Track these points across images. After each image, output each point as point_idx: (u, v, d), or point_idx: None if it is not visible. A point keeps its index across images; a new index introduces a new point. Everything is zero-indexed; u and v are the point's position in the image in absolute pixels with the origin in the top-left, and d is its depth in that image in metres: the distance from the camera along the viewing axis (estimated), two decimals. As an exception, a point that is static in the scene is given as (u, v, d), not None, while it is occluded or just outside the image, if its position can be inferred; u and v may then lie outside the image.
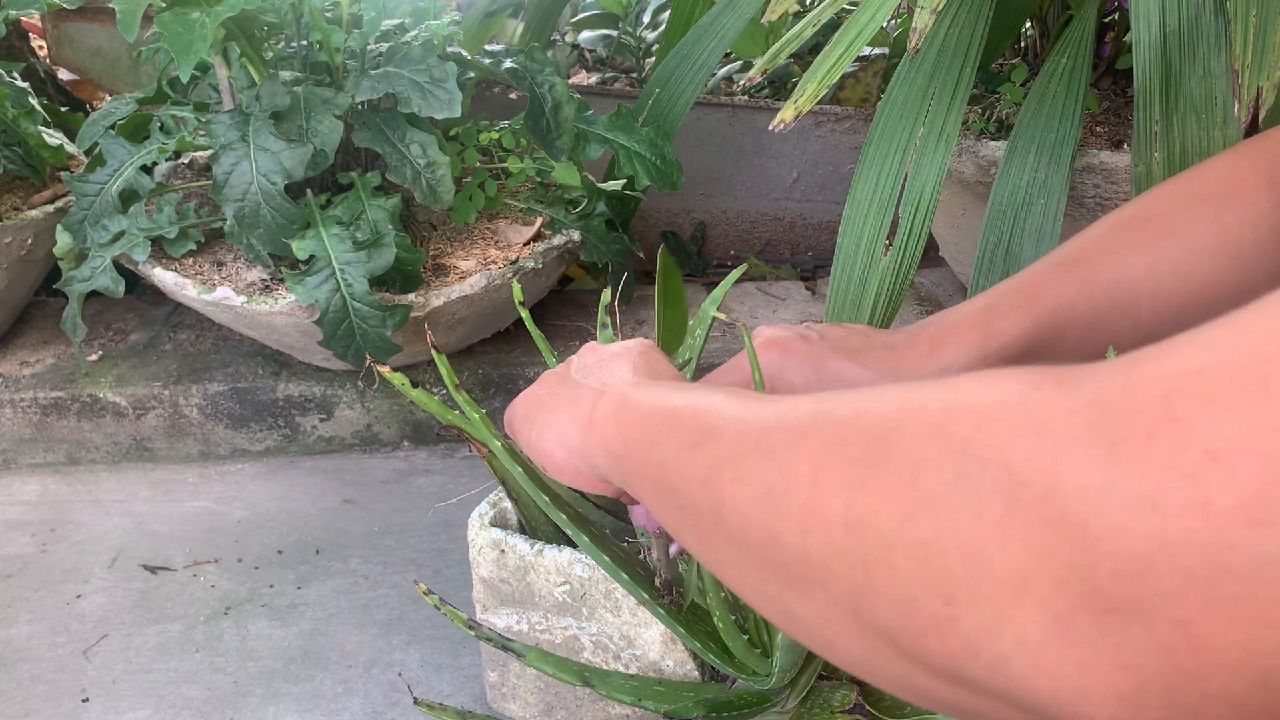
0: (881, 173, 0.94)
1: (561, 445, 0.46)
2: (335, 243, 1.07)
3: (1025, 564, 0.21)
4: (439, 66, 1.07)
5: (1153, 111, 0.90)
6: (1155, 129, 0.89)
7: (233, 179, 1.05)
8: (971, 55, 0.94)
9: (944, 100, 0.94)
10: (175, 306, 1.40)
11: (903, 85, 0.96)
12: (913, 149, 0.93)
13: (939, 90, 0.94)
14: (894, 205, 0.93)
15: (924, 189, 0.92)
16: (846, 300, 0.94)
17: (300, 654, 0.93)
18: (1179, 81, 0.89)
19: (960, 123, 0.93)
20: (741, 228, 1.61)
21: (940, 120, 0.93)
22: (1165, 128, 0.89)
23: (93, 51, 1.65)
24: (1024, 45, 1.30)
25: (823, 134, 1.54)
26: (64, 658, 0.93)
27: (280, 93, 1.07)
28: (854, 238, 0.94)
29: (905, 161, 0.93)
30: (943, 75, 0.94)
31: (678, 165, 1.23)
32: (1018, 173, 0.97)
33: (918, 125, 0.94)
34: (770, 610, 0.29)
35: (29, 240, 1.24)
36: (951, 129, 0.93)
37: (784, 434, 0.29)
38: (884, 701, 0.60)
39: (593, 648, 0.75)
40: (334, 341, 1.07)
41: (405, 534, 1.10)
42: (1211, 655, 0.18)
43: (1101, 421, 0.20)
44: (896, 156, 0.94)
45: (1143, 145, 0.90)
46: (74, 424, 1.24)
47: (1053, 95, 0.99)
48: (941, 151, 0.93)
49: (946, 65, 0.95)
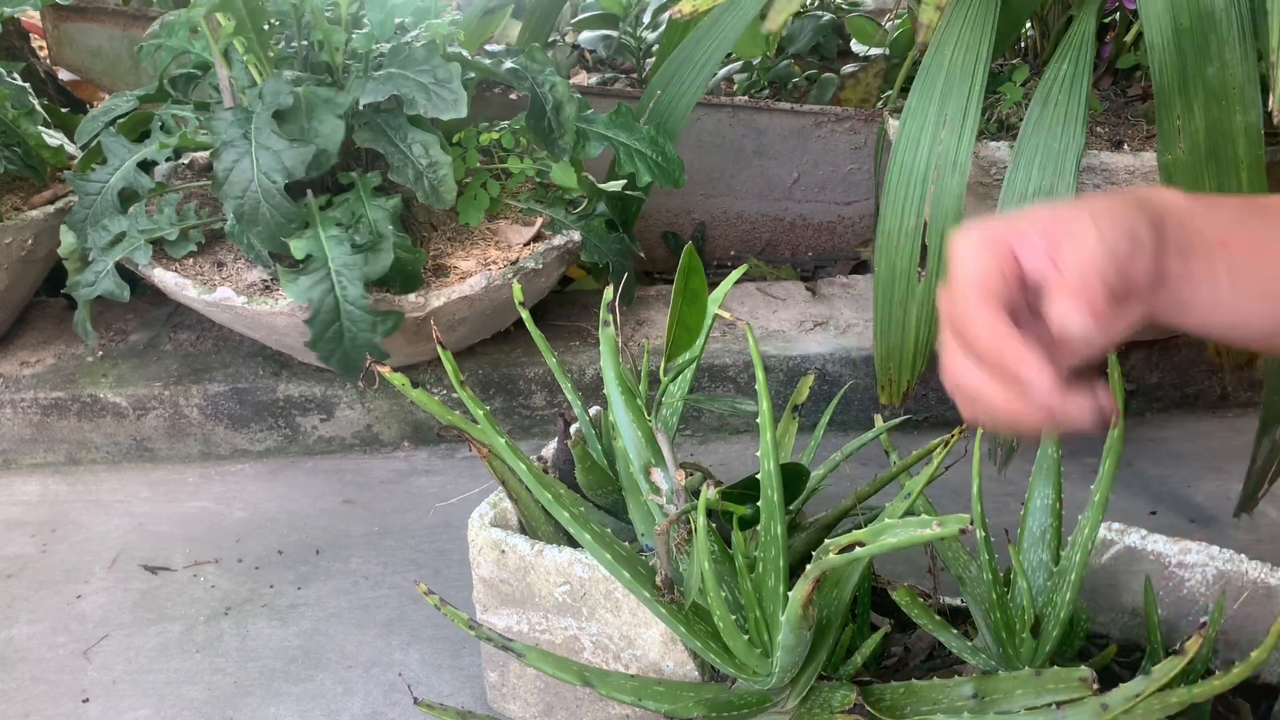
0: (905, 203, 1.00)
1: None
2: (333, 244, 1.07)
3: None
4: (443, 67, 1.07)
5: (1173, 108, 0.93)
6: (1178, 124, 0.92)
7: (233, 176, 1.05)
8: (979, 76, 0.99)
9: (955, 128, 0.99)
10: (176, 307, 1.40)
11: (915, 116, 1.01)
12: (931, 177, 0.99)
13: (950, 118, 1.00)
14: (920, 235, 0.99)
15: (945, 218, 0.98)
16: (891, 323, 1.03)
17: (300, 654, 0.93)
18: (1196, 75, 0.92)
19: (973, 145, 0.99)
20: (742, 228, 1.61)
21: (953, 149, 0.99)
22: (1187, 121, 0.93)
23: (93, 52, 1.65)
24: (1024, 45, 1.30)
25: (823, 134, 1.54)
26: (64, 658, 0.93)
27: (284, 91, 1.07)
28: (888, 266, 1.02)
29: (926, 189, 0.99)
30: (953, 103, 1.00)
31: (679, 162, 1.23)
32: (1023, 182, 0.99)
33: (933, 156, 1.00)
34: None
35: (29, 240, 1.24)
36: (964, 157, 0.98)
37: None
38: (884, 702, 0.60)
39: (593, 648, 0.75)
40: (321, 344, 1.07)
41: (405, 534, 1.10)
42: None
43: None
44: (917, 187, 1.00)
45: (1168, 138, 0.94)
46: (74, 424, 1.24)
47: (1055, 103, 1.00)
48: (957, 179, 0.98)
49: (955, 88, 1.00)
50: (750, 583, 0.58)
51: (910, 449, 0.76)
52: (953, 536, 0.43)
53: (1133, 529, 0.71)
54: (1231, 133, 0.91)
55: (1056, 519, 0.66)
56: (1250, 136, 0.90)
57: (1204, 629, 0.52)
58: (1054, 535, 0.66)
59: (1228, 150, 0.91)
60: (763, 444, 0.55)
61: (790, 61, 1.78)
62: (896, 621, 0.75)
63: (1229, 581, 0.68)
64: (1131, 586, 0.71)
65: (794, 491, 0.72)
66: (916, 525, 0.43)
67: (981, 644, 0.65)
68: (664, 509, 0.67)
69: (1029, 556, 0.66)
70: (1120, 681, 0.54)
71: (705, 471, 0.73)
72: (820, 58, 1.82)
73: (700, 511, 0.55)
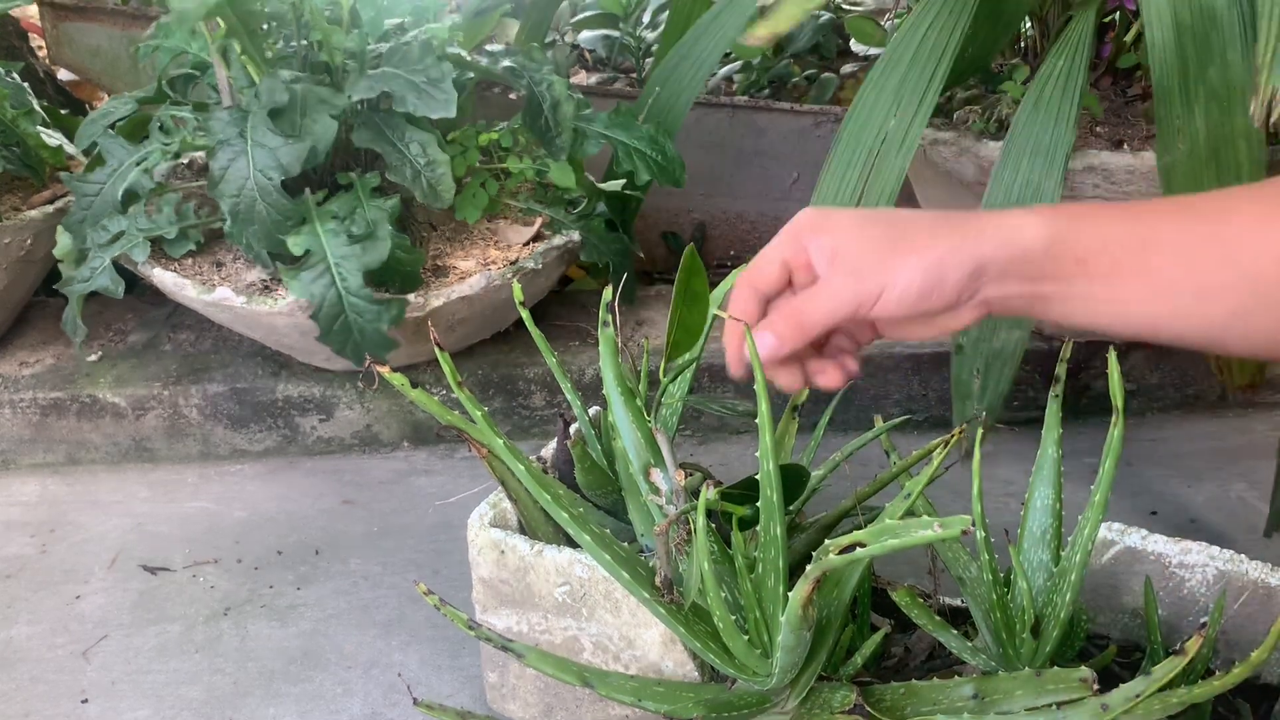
0: (845, 176, 0.96)
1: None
2: (330, 238, 1.07)
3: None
4: (435, 66, 1.07)
5: (1173, 107, 0.91)
6: (1178, 123, 0.91)
7: (229, 174, 1.05)
8: (945, 60, 0.95)
9: (911, 106, 0.95)
10: (175, 307, 1.40)
11: (874, 87, 0.97)
12: (878, 149, 0.95)
13: (907, 96, 0.95)
14: (855, 203, 0.95)
15: (885, 187, 0.94)
16: None
17: (300, 654, 0.93)
18: (1197, 76, 0.91)
19: (924, 128, 0.95)
20: (742, 228, 1.61)
21: (904, 126, 0.95)
22: (1187, 121, 0.91)
23: (92, 51, 1.65)
24: (1024, 45, 1.30)
25: (823, 134, 1.54)
26: (63, 658, 0.93)
27: (279, 89, 1.07)
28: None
29: (869, 165, 0.95)
30: (914, 80, 0.96)
31: (680, 160, 1.22)
32: (1010, 175, 0.98)
33: (884, 126, 0.95)
34: None
35: (28, 241, 1.24)
36: (913, 136, 0.94)
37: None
38: (884, 702, 0.60)
39: (593, 648, 0.75)
40: (331, 336, 1.07)
41: (405, 534, 1.10)
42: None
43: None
44: (861, 158, 0.96)
45: (1168, 140, 0.92)
46: (73, 424, 1.24)
47: (1048, 99, 0.99)
48: (901, 159, 0.94)
49: (919, 70, 0.96)
50: (750, 583, 0.58)
51: (910, 449, 0.76)
52: (954, 537, 0.43)
53: (1133, 529, 0.71)
54: (1233, 135, 0.89)
55: (1056, 519, 0.66)
56: (1251, 138, 0.89)
57: (1204, 629, 0.52)
58: (1054, 535, 0.65)
59: (1229, 153, 0.90)
60: (762, 444, 0.55)
61: (790, 61, 1.78)
62: (897, 622, 0.75)
63: (1229, 582, 0.68)
64: (1132, 587, 0.71)
65: (794, 492, 0.72)
66: (917, 526, 0.43)
67: (982, 644, 0.65)
68: (664, 509, 0.67)
69: (1029, 557, 0.66)
70: (1120, 682, 0.54)
71: (705, 472, 0.73)
72: (820, 57, 1.82)
73: (700, 512, 0.55)
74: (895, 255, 0.53)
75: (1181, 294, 0.50)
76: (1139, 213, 0.52)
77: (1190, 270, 0.49)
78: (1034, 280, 0.52)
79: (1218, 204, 0.52)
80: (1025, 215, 0.53)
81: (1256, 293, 0.48)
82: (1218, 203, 0.52)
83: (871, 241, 0.54)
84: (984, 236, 0.52)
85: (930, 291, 0.53)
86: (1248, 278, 0.48)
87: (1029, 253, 0.52)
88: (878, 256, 0.53)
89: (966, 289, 0.53)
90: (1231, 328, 0.50)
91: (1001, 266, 0.52)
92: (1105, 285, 0.51)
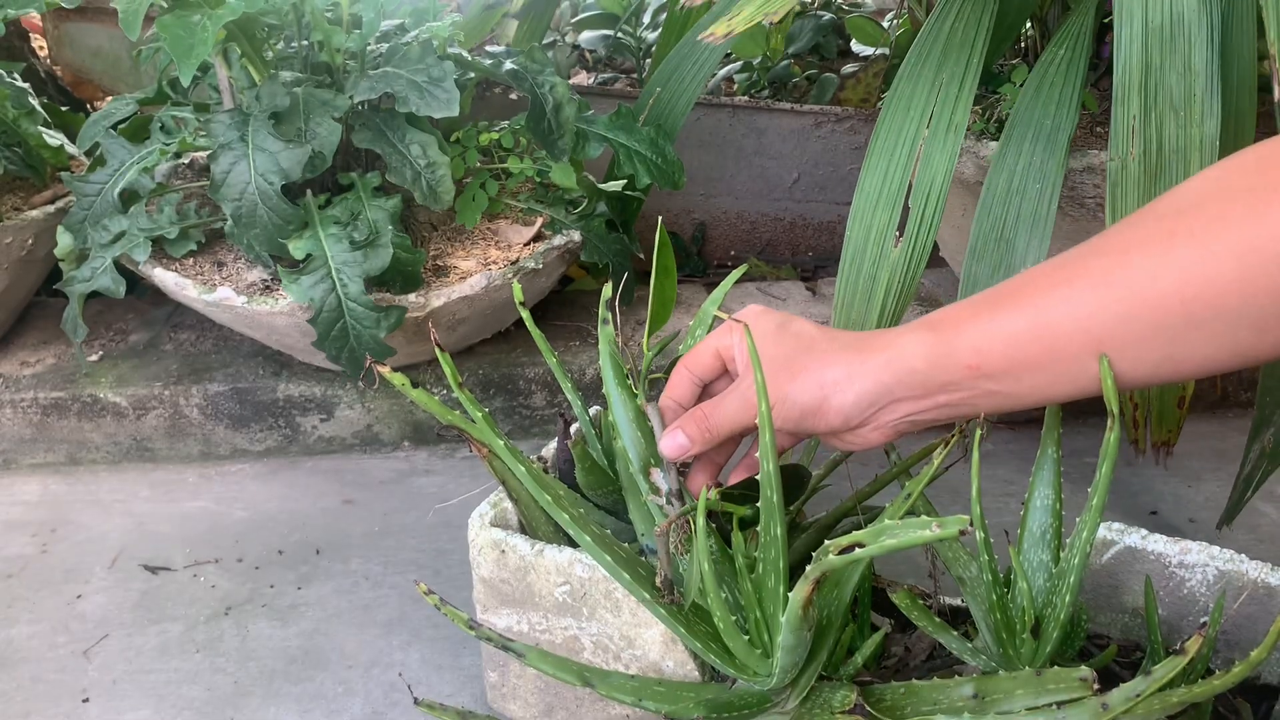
0: (890, 164, 0.95)
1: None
2: (332, 242, 1.07)
3: None
4: (437, 66, 1.07)
5: (1130, 107, 0.89)
6: (1133, 124, 0.89)
7: (230, 178, 1.05)
8: (978, 47, 0.95)
9: (952, 90, 0.95)
10: (176, 307, 1.40)
11: (909, 79, 0.97)
12: (921, 139, 0.94)
13: (946, 82, 0.95)
14: (903, 196, 0.93)
15: (935, 178, 0.93)
16: (856, 294, 0.94)
17: (300, 654, 0.93)
18: (1159, 78, 0.89)
19: (969, 111, 0.94)
20: (742, 228, 1.61)
21: (949, 110, 0.94)
22: (1143, 123, 0.89)
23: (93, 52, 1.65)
24: (1024, 46, 1.30)
25: (823, 134, 1.54)
26: (64, 658, 0.93)
27: (280, 93, 1.07)
28: (863, 230, 0.95)
29: (914, 152, 0.94)
30: (950, 67, 0.95)
31: (679, 164, 1.23)
32: (1013, 158, 0.97)
33: (925, 116, 0.95)
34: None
35: (29, 241, 1.24)
36: (961, 118, 0.93)
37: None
38: (884, 702, 0.60)
39: (593, 648, 0.75)
40: (328, 343, 1.07)
41: (405, 534, 1.10)
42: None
43: None
44: (905, 147, 0.95)
45: (1120, 141, 0.89)
46: (74, 424, 1.24)
47: (1050, 83, 0.98)
48: (952, 141, 0.93)
49: (954, 58, 0.96)
50: (750, 583, 0.58)
51: (910, 449, 0.76)
52: (953, 537, 0.43)
53: (1133, 529, 0.71)
54: (1187, 147, 0.87)
55: (1057, 519, 0.66)
56: (1205, 152, 0.86)
57: (1204, 629, 0.52)
58: (1054, 535, 0.65)
59: (1181, 166, 0.87)
60: (762, 444, 0.55)
61: (790, 61, 1.78)
62: (897, 622, 0.75)
63: (1229, 581, 0.68)
64: (1132, 586, 0.71)
65: (794, 492, 0.72)
66: (916, 526, 0.43)
67: (982, 644, 0.65)
68: (664, 509, 0.67)
69: (1029, 557, 0.66)
70: (1120, 681, 0.54)
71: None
72: (820, 58, 1.82)
73: (700, 512, 0.55)
74: (787, 372, 0.57)
75: (1081, 359, 0.51)
76: (1018, 298, 0.53)
77: (1086, 338, 0.50)
78: (930, 394, 0.55)
79: (1090, 262, 0.51)
80: (913, 334, 0.55)
81: (1158, 325, 0.49)
82: (1090, 261, 0.52)
83: (776, 358, 0.57)
84: (874, 363, 0.55)
85: (813, 412, 0.56)
86: (1150, 321, 0.49)
87: (914, 373, 0.54)
88: (773, 370, 0.57)
89: (856, 413, 0.56)
90: (1139, 365, 0.51)
91: (891, 390, 0.55)
92: (1011, 380, 0.53)
